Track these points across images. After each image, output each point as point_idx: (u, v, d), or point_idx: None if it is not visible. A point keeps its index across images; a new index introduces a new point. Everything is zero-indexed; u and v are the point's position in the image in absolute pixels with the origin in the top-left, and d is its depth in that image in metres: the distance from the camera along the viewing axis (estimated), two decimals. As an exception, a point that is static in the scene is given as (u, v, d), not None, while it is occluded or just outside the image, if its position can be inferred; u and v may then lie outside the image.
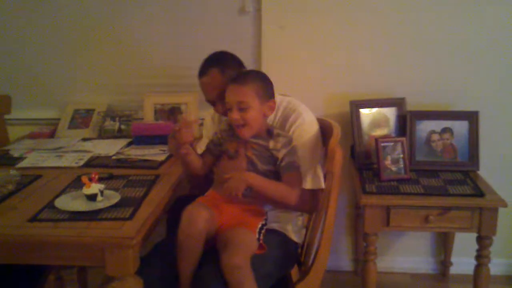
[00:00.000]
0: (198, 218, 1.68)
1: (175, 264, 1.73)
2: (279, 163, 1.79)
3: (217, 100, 1.91)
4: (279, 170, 1.79)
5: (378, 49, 2.62)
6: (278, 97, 1.96)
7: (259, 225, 1.78)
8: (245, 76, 1.81)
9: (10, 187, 1.87)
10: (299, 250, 2.06)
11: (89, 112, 2.77)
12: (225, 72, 1.89)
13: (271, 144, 1.79)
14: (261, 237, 1.77)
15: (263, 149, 1.80)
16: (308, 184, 1.89)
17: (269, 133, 1.82)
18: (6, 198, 1.81)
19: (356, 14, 2.59)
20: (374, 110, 2.55)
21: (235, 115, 1.75)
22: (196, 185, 2.07)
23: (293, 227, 1.98)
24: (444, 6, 2.54)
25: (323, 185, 1.92)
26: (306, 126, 1.92)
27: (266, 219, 1.85)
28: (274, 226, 1.94)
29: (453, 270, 2.78)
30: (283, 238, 1.94)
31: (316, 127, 1.96)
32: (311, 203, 1.93)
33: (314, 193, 1.92)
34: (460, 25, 2.55)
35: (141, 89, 2.78)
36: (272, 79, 1.87)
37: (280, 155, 1.78)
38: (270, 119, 1.93)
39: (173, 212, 1.91)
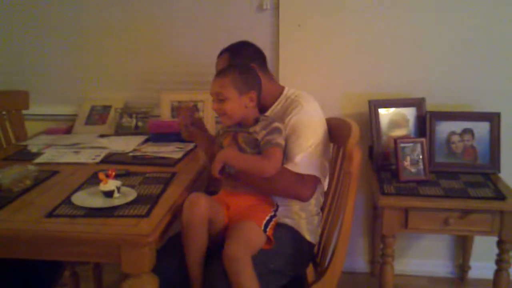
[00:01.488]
0: (198, 204, 1.72)
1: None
2: (260, 143, 1.81)
3: None
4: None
5: (398, 48, 2.59)
6: (290, 89, 2.03)
7: (267, 217, 1.79)
8: (225, 69, 1.88)
9: (28, 182, 1.88)
10: (315, 250, 2.03)
11: (106, 108, 2.77)
12: (234, 59, 2.00)
13: (251, 128, 1.83)
14: (269, 230, 1.77)
15: (247, 135, 1.84)
16: (292, 166, 1.84)
17: (256, 120, 1.87)
18: (24, 193, 1.81)
19: (375, 12, 2.56)
20: (393, 110, 2.52)
21: (215, 105, 1.85)
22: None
23: (307, 225, 1.96)
24: (466, 5, 2.50)
25: (308, 171, 1.86)
26: (302, 115, 1.90)
27: (275, 210, 1.85)
28: (287, 221, 1.93)
29: (471, 274, 2.74)
30: (296, 235, 1.92)
31: (316, 119, 1.94)
32: (297, 188, 1.86)
33: (301, 179, 1.86)
34: (482, 25, 2.51)
35: (158, 86, 2.78)
36: (289, 76, 1.89)
37: (259, 136, 1.81)
38: (272, 108, 2.00)
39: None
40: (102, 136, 2.59)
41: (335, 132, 1.98)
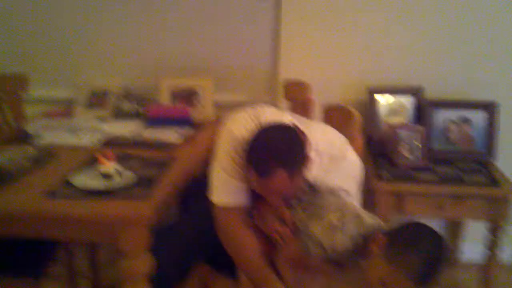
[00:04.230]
0: None
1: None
2: None
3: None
4: None
5: (397, 37, 2.59)
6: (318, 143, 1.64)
7: None
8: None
9: (27, 164, 1.89)
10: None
11: (106, 92, 2.77)
12: (293, 176, 1.48)
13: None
14: None
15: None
16: None
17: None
18: (23, 174, 1.82)
19: (375, 1, 2.56)
20: (392, 98, 2.53)
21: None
22: None
23: None
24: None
25: None
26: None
27: None
28: None
29: (463, 257, 2.76)
30: None
31: None
32: None
33: None
34: (481, 14, 2.51)
35: (158, 71, 2.77)
36: (290, 65, 1.81)
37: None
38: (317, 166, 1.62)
39: (186, 193, 1.92)
40: (101, 119, 2.59)
41: (336, 120, 1.93)
